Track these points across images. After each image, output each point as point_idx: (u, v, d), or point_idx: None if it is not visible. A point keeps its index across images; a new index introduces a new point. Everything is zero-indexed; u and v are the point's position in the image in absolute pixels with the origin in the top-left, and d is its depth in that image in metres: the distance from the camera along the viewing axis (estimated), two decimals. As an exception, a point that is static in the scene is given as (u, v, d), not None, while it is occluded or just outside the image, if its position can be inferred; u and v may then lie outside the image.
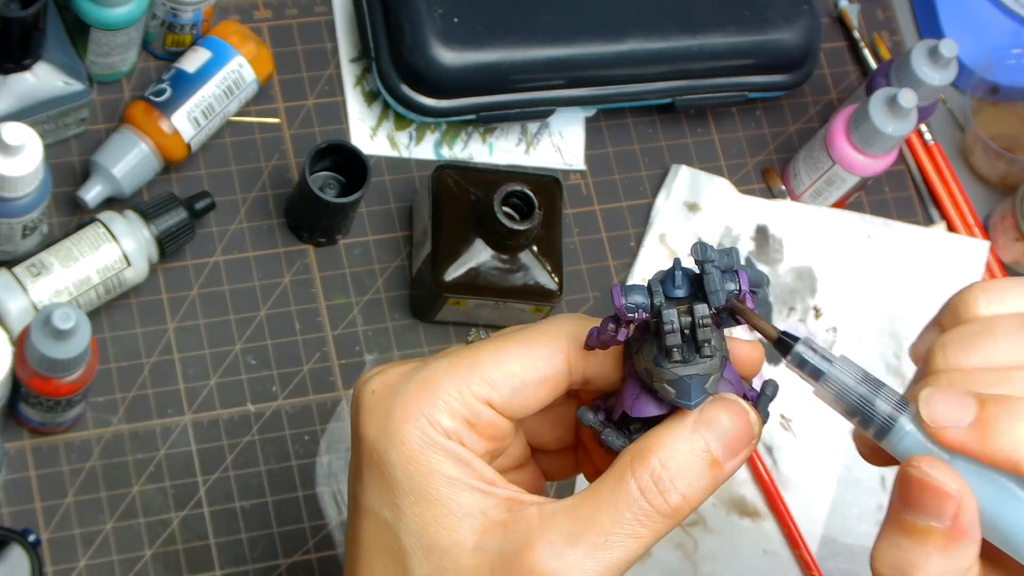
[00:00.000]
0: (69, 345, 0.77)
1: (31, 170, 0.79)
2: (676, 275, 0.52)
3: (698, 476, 0.51)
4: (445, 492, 0.52)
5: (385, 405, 0.54)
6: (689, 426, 0.52)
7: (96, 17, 0.86)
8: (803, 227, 0.99)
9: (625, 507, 0.51)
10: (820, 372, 0.50)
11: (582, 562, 0.50)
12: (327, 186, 0.91)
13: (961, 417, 0.48)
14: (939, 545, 0.48)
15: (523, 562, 0.51)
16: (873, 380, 0.50)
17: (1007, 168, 1.03)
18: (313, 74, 0.96)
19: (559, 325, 0.55)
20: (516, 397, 0.54)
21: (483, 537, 0.52)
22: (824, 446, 0.94)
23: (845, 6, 1.07)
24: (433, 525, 0.52)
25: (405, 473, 0.53)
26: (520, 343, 0.55)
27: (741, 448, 0.52)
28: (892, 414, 0.49)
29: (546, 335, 0.55)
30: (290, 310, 0.91)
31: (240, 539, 0.85)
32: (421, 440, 0.53)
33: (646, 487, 0.51)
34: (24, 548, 0.79)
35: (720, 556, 0.90)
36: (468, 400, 0.53)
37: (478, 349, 0.54)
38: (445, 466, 0.53)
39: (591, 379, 0.56)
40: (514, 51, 0.92)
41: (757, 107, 1.03)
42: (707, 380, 0.52)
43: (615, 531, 0.51)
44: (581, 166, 0.99)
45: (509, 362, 0.54)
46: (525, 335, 0.55)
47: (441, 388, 0.53)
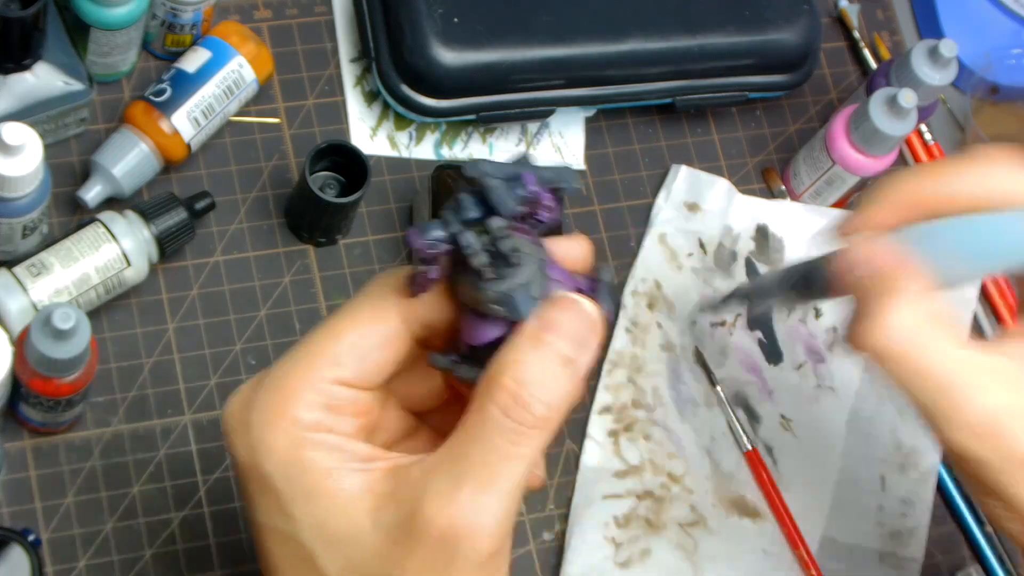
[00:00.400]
0: (69, 345, 0.77)
1: (31, 170, 0.79)
2: (462, 200, 0.52)
3: (554, 379, 0.51)
4: (327, 484, 0.52)
5: (244, 422, 0.54)
6: (530, 336, 0.52)
7: (96, 17, 0.86)
8: (803, 227, 0.99)
9: (495, 433, 0.51)
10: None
11: (473, 499, 0.50)
12: (327, 186, 0.91)
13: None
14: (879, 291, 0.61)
15: (418, 523, 0.50)
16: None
17: (1007, 168, 1.03)
18: (313, 74, 0.96)
19: (381, 284, 0.55)
20: (364, 366, 0.54)
21: (377, 514, 0.52)
22: (824, 446, 0.94)
23: (845, 6, 1.07)
24: (328, 519, 0.52)
25: (284, 479, 0.52)
26: (349, 314, 0.54)
27: (588, 340, 0.52)
28: None
29: (371, 297, 0.55)
30: (290, 310, 0.91)
31: (240, 539, 0.85)
32: (288, 442, 0.53)
33: (507, 406, 0.51)
34: (24, 548, 0.79)
35: (720, 556, 0.90)
36: (319, 387, 0.53)
37: (313, 334, 0.54)
38: (319, 459, 0.52)
39: (431, 324, 0.55)
40: (514, 51, 0.92)
41: (757, 107, 1.03)
42: (530, 287, 0.52)
43: (492, 459, 0.50)
44: (581, 166, 0.99)
45: (344, 335, 0.54)
46: (351, 305, 0.55)
47: (289, 386, 0.53)
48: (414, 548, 0.51)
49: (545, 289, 0.52)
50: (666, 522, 0.89)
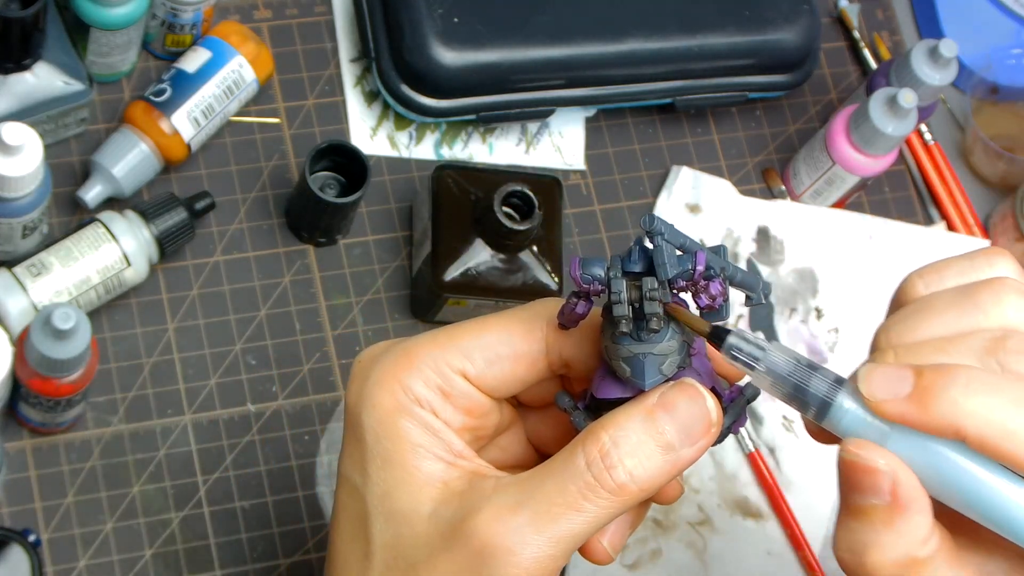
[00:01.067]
0: (69, 345, 0.77)
1: (31, 170, 0.79)
2: (634, 250, 0.52)
3: (648, 457, 0.51)
4: (409, 458, 0.53)
5: (365, 372, 0.55)
6: (644, 407, 0.52)
7: (96, 17, 0.86)
8: (804, 228, 0.99)
9: (570, 479, 0.51)
10: (752, 363, 0.50)
11: (523, 529, 0.51)
12: (327, 186, 0.91)
13: (900, 388, 0.48)
14: (884, 521, 0.48)
15: (467, 527, 0.51)
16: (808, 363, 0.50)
17: (1007, 168, 1.03)
18: (313, 74, 0.96)
19: (540, 305, 0.56)
20: (491, 369, 0.55)
21: (440, 505, 0.52)
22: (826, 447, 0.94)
23: (845, 6, 1.07)
24: (395, 490, 0.53)
25: (375, 436, 0.54)
26: (500, 319, 0.55)
27: (699, 436, 0.52)
28: (829, 393, 0.50)
29: (526, 312, 0.55)
30: (290, 310, 0.91)
31: (240, 539, 0.85)
32: (393, 405, 0.53)
33: (592, 460, 0.51)
34: (24, 548, 0.79)
35: (726, 556, 0.90)
36: (442, 369, 0.54)
37: (459, 324, 0.55)
38: (413, 432, 0.53)
39: (570, 361, 0.56)
40: (514, 51, 0.92)
41: (757, 107, 1.03)
42: (663, 361, 0.51)
43: (558, 501, 0.51)
44: (581, 166, 0.99)
45: (486, 335, 0.55)
46: (506, 313, 0.56)
47: (417, 357, 0.54)
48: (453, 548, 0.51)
49: (678, 370, 0.52)
50: (676, 521, 0.89)
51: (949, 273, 0.53)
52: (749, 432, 0.93)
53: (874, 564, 0.49)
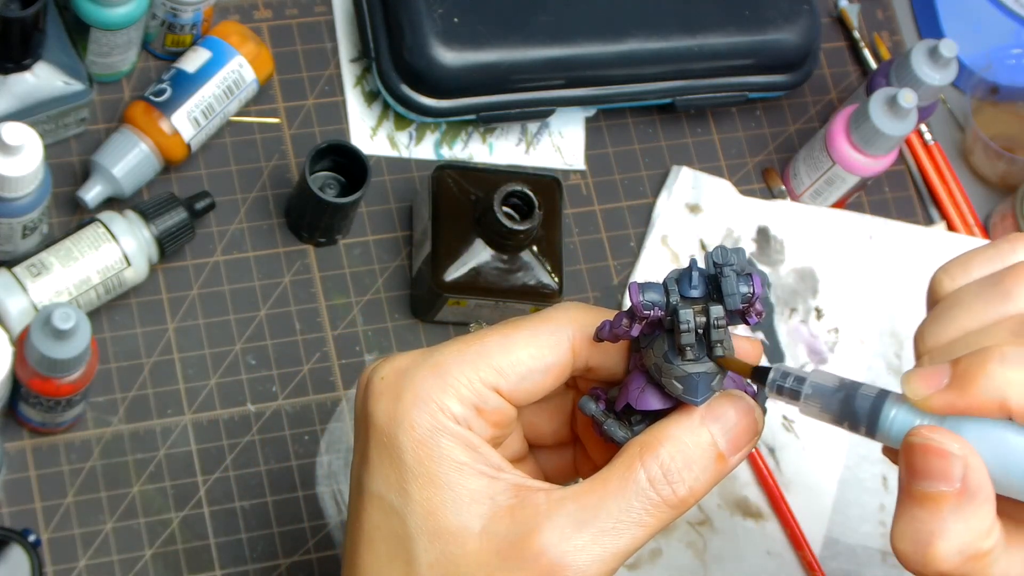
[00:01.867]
0: (69, 345, 0.77)
1: (31, 170, 0.79)
2: (692, 276, 0.53)
3: (704, 469, 0.53)
4: (454, 477, 0.53)
5: (395, 389, 0.54)
6: (697, 420, 0.53)
7: (96, 17, 0.86)
8: (804, 228, 0.99)
9: (634, 496, 0.52)
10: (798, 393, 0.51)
11: (589, 546, 0.51)
12: (327, 186, 0.91)
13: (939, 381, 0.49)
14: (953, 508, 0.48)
15: (531, 546, 0.52)
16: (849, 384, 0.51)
17: (1007, 168, 1.03)
18: (313, 74, 0.96)
19: (565, 313, 0.56)
20: (522, 384, 0.55)
21: (490, 522, 0.53)
22: (826, 447, 0.94)
23: (845, 6, 1.07)
24: (441, 510, 0.53)
25: (415, 457, 0.53)
26: (527, 330, 0.55)
27: (745, 443, 0.53)
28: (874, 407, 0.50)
29: (552, 322, 0.56)
30: (290, 310, 0.91)
31: (240, 539, 0.85)
32: (431, 425, 0.54)
33: (655, 478, 0.52)
34: (24, 548, 0.79)
35: (726, 557, 0.90)
36: (477, 387, 0.54)
37: (486, 336, 0.55)
38: (455, 451, 0.53)
39: (594, 368, 0.57)
40: (514, 51, 0.92)
41: (757, 107, 1.03)
42: (713, 378, 0.53)
43: (623, 519, 0.52)
44: (581, 166, 0.99)
45: (516, 349, 0.55)
46: (532, 322, 0.56)
47: (450, 374, 0.54)
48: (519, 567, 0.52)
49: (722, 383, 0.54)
50: (677, 521, 0.89)
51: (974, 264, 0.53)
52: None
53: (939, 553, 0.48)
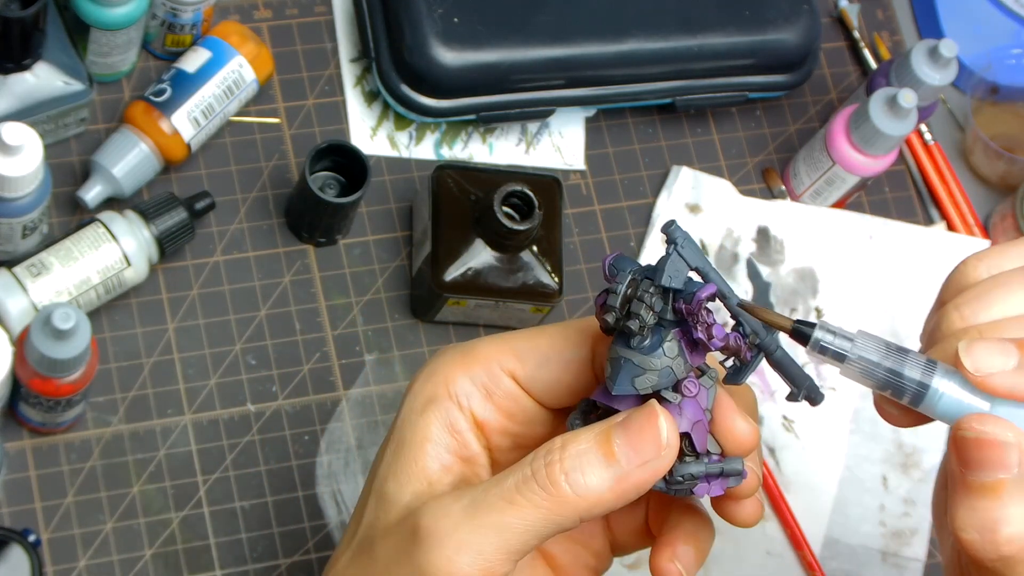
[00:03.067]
0: (69, 345, 0.77)
1: (31, 170, 0.79)
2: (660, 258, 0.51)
3: (589, 464, 0.50)
4: (416, 450, 0.54)
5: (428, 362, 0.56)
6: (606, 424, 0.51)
7: (96, 17, 0.86)
8: (804, 228, 0.99)
9: (511, 472, 0.51)
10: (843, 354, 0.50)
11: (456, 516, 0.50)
12: (327, 186, 0.91)
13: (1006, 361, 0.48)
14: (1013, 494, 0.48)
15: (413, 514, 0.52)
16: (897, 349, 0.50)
17: (1007, 168, 1.03)
18: (313, 74, 0.96)
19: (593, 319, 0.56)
20: (540, 373, 0.55)
21: (414, 499, 0.53)
22: (826, 447, 0.94)
23: (845, 6, 1.07)
24: (391, 476, 0.54)
25: (401, 422, 0.55)
26: (554, 328, 0.56)
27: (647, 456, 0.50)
28: (923, 379, 0.49)
29: (578, 322, 0.56)
30: (290, 310, 0.91)
31: (240, 539, 0.85)
32: (429, 395, 0.55)
33: (536, 456, 0.51)
34: (24, 548, 0.79)
35: (725, 557, 0.90)
36: (492, 369, 0.55)
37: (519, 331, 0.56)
38: (432, 426, 0.54)
39: None
40: (514, 51, 0.92)
41: (757, 107, 1.03)
42: (639, 374, 0.50)
43: (493, 492, 0.50)
44: (581, 166, 0.99)
45: (541, 339, 0.55)
46: (560, 323, 0.57)
47: (472, 356, 0.55)
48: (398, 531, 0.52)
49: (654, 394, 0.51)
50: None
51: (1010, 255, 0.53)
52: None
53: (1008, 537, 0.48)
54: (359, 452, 0.88)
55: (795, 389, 0.52)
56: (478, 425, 0.55)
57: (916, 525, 0.94)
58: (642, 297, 0.50)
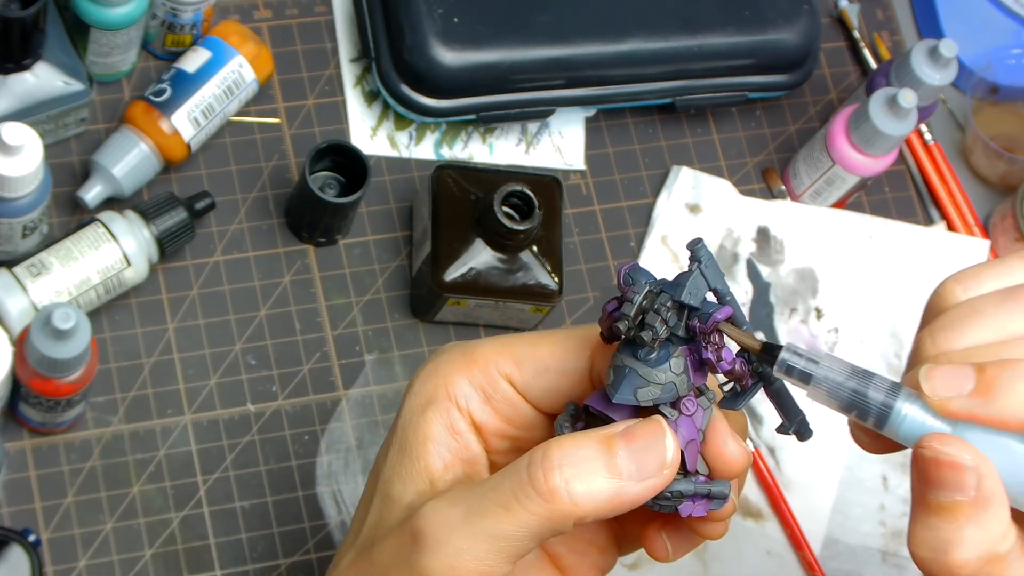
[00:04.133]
0: (69, 345, 0.77)
1: (31, 170, 0.79)
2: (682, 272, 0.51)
3: (590, 473, 0.50)
4: (418, 450, 0.54)
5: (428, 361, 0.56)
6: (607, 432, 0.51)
7: (96, 17, 0.86)
8: (804, 228, 0.99)
9: (507, 476, 0.50)
10: (809, 375, 0.50)
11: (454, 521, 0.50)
12: (327, 186, 0.91)
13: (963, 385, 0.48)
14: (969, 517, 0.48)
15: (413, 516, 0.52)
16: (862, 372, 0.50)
17: (1007, 168, 1.03)
18: (313, 74, 0.96)
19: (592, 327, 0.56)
20: (537, 380, 0.55)
21: (416, 498, 0.53)
22: (826, 447, 0.94)
23: (845, 6, 1.07)
24: (395, 476, 0.54)
25: (403, 422, 0.55)
26: (554, 335, 0.56)
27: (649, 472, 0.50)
28: (887, 401, 0.50)
29: (578, 331, 0.56)
30: (290, 310, 0.91)
31: (240, 539, 0.85)
32: (429, 395, 0.55)
33: (533, 461, 0.50)
34: (24, 548, 0.79)
35: (726, 557, 0.90)
36: (491, 372, 0.55)
37: (521, 335, 0.57)
38: (433, 426, 0.54)
39: None
40: (514, 51, 0.92)
41: (757, 107, 1.03)
42: (642, 385, 0.50)
43: (490, 497, 0.50)
44: (581, 166, 0.99)
45: (541, 346, 0.55)
46: (560, 330, 0.57)
47: (471, 357, 0.55)
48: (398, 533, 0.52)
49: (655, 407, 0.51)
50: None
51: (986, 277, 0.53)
52: (749, 432, 0.93)
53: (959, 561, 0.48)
54: (359, 452, 0.88)
55: (787, 422, 0.52)
56: (477, 427, 0.55)
57: (916, 525, 0.93)
58: (659, 310, 0.50)
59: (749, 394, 0.51)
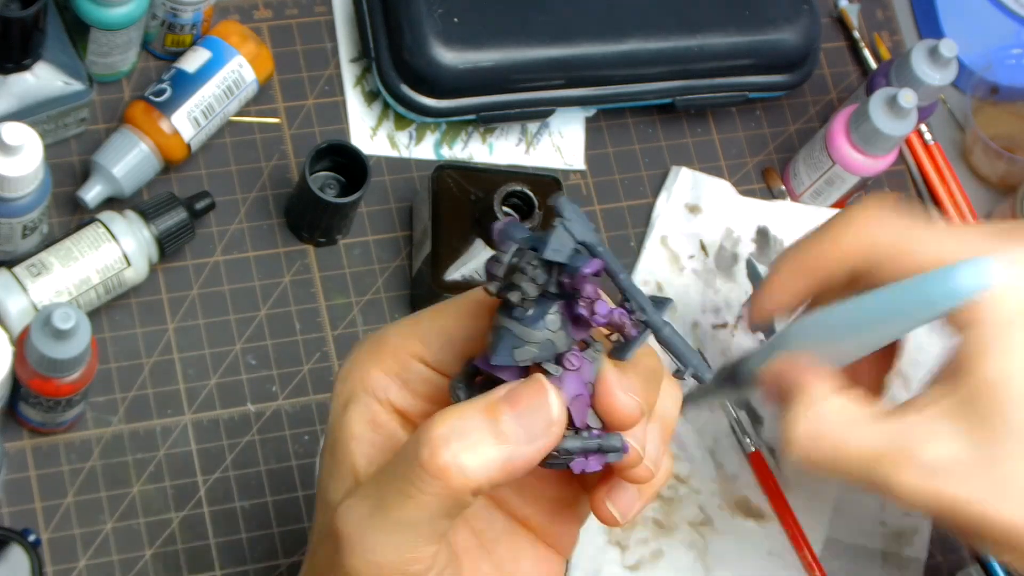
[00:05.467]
0: (69, 345, 0.77)
1: (31, 170, 0.79)
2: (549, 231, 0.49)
3: (478, 443, 0.49)
4: (342, 449, 0.53)
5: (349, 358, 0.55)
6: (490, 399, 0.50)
7: (96, 17, 0.86)
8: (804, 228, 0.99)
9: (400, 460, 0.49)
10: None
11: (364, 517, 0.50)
12: (327, 186, 0.91)
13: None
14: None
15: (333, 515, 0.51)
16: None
17: (1007, 168, 1.03)
18: (313, 74, 0.96)
19: None
20: (445, 351, 0.53)
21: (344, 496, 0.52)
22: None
23: (845, 6, 1.07)
24: (328, 480, 0.54)
25: (330, 425, 0.55)
26: (456, 302, 0.54)
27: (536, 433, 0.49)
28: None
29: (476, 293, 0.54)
30: (290, 310, 0.91)
31: (240, 539, 0.85)
32: (349, 393, 0.54)
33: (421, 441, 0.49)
34: (24, 548, 0.79)
35: (727, 557, 0.90)
36: (401, 356, 0.54)
37: (424, 310, 0.55)
38: (355, 423, 0.53)
39: None
40: (514, 51, 0.92)
41: (757, 107, 1.03)
42: (519, 346, 0.49)
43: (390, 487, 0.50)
44: (581, 166, 0.99)
45: (443, 317, 0.54)
46: (461, 296, 0.54)
47: (381, 343, 0.54)
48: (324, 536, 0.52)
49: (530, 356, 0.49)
50: (677, 522, 0.89)
51: None
52: (749, 433, 0.93)
53: None
54: (359, 452, 0.88)
55: (681, 367, 0.51)
56: (400, 414, 0.54)
57: (917, 525, 0.93)
58: (524, 268, 0.48)
59: (636, 343, 0.50)
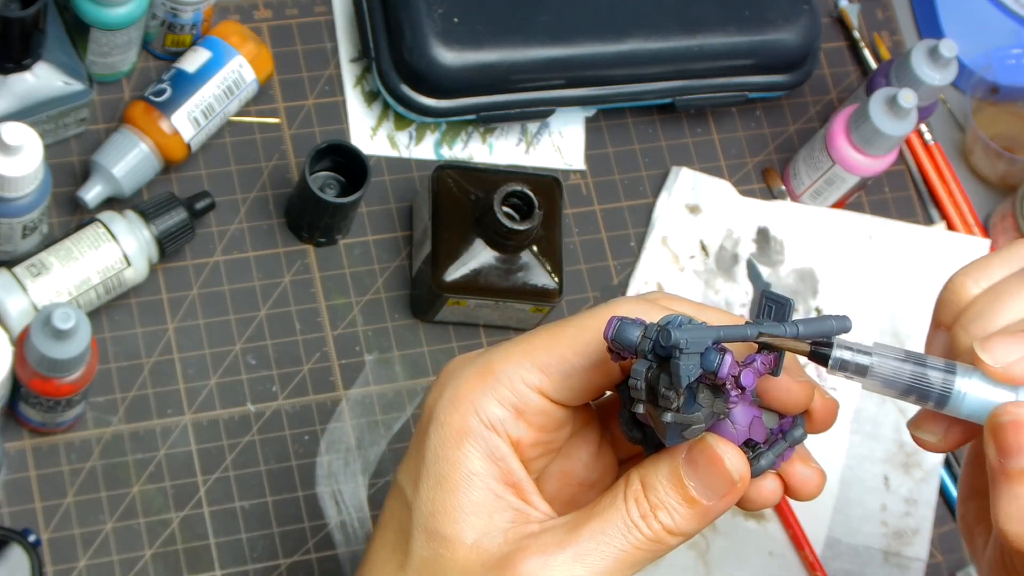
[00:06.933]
0: (69, 345, 0.77)
1: (31, 170, 0.79)
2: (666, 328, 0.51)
3: (675, 510, 0.52)
4: (461, 485, 0.53)
5: (442, 385, 0.55)
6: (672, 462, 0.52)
7: (96, 17, 0.86)
8: (804, 228, 0.99)
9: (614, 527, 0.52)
10: (865, 367, 0.51)
11: (567, 565, 0.51)
12: (327, 186, 0.91)
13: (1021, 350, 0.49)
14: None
15: (514, 560, 0.52)
16: (916, 355, 0.51)
17: (1007, 168, 1.03)
18: (313, 74, 0.96)
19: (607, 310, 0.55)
20: (567, 382, 0.54)
21: (483, 536, 0.53)
22: (827, 447, 0.94)
23: (845, 6, 1.07)
24: (441, 513, 0.53)
25: (434, 455, 0.54)
26: (571, 328, 0.55)
27: (723, 491, 0.52)
28: (946, 378, 0.50)
29: (595, 318, 0.54)
30: (290, 310, 0.90)
31: (240, 539, 0.85)
32: (460, 426, 0.53)
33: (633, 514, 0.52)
34: (24, 548, 0.79)
35: (729, 557, 0.90)
36: (518, 387, 0.54)
37: (534, 334, 0.55)
38: (473, 459, 0.53)
39: None
40: (514, 51, 0.92)
41: (757, 107, 1.03)
42: (684, 428, 0.51)
43: (600, 539, 0.52)
44: (581, 166, 0.99)
45: (560, 347, 0.54)
46: (579, 319, 0.55)
47: (493, 374, 0.54)
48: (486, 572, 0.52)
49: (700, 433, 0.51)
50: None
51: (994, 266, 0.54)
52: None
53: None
54: (359, 452, 0.88)
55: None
56: (514, 445, 0.54)
57: (918, 525, 0.93)
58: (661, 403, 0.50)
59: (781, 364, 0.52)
